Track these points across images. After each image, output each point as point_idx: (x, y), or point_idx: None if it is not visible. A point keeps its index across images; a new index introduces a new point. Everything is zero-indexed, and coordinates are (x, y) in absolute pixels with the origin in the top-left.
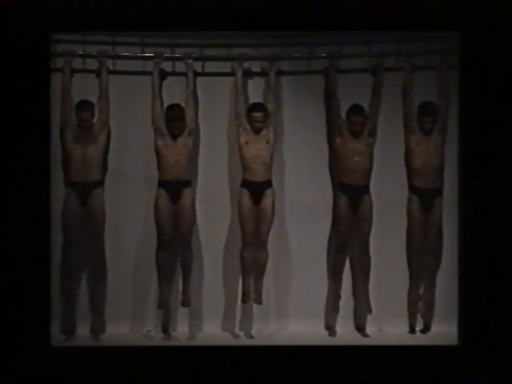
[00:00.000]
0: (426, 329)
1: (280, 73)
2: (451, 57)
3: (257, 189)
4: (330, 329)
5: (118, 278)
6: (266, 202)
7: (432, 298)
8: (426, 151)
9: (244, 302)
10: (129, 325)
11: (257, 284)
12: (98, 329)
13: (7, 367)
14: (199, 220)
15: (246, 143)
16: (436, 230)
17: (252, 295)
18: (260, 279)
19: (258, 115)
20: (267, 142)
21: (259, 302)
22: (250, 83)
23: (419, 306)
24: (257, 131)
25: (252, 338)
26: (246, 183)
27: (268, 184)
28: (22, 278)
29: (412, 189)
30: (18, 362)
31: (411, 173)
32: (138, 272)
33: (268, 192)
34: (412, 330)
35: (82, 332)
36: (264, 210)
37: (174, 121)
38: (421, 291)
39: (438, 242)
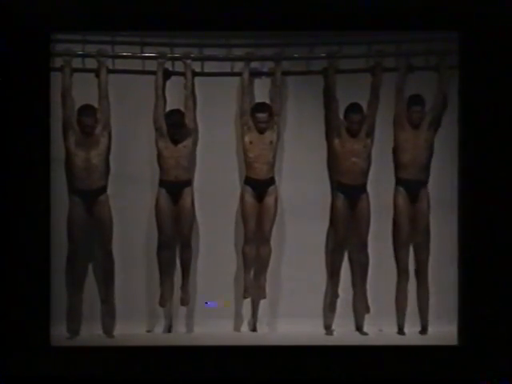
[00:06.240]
0: (423, 330)
1: (283, 73)
2: (451, 57)
3: (260, 186)
4: (328, 328)
5: (123, 278)
6: (270, 199)
7: (425, 295)
8: (415, 147)
9: (245, 297)
10: (131, 325)
11: (261, 279)
12: (109, 328)
13: (7, 367)
14: (199, 219)
15: (250, 143)
16: (423, 222)
17: (253, 290)
18: (263, 274)
19: (262, 116)
20: (271, 143)
21: (263, 297)
22: (257, 83)
23: (407, 303)
24: (261, 131)
25: (255, 330)
26: (249, 181)
27: (271, 181)
28: (22, 279)
29: (398, 181)
30: (18, 361)
31: (399, 167)
32: (142, 273)
33: (271, 189)
34: (400, 330)
35: (86, 332)
36: (267, 206)
37: (175, 127)
38: (411, 287)
39: (426, 236)
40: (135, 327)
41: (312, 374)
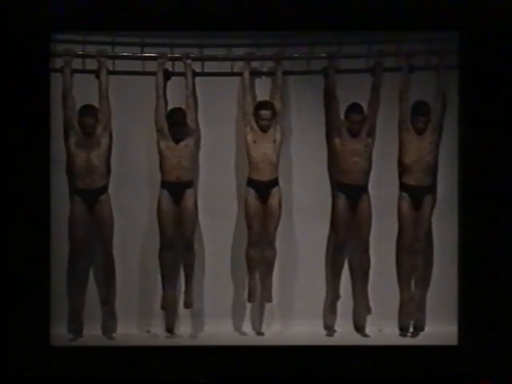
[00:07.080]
0: (417, 330)
1: (283, 72)
2: (450, 57)
3: (263, 188)
4: (329, 329)
5: (123, 279)
6: (273, 200)
7: (423, 300)
8: (419, 149)
9: (250, 300)
10: (132, 325)
11: (266, 282)
12: (110, 329)
13: (7, 367)
14: (201, 220)
15: (254, 142)
16: (426, 228)
17: (258, 294)
18: (269, 277)
19: (265, 113)
20: (274, 141)
21: (269, 300)
22: (258, 82)
23: (412, 308)
24: (264, 130)
25: (262, 334)
26: (252, 182)
27: (275, 183)
28: (22, 278)
29: (402, 187)
30: (18, 361)
31: (403, 170)
32: (142, 273)
33: (274, 191)
34: (404, 332)
35: (86, 332)
36: (271, 208)
37: (177, 125)
38: (412, 292)
39: (428, 241)
40: (135, 327)
41: (313, 374)
